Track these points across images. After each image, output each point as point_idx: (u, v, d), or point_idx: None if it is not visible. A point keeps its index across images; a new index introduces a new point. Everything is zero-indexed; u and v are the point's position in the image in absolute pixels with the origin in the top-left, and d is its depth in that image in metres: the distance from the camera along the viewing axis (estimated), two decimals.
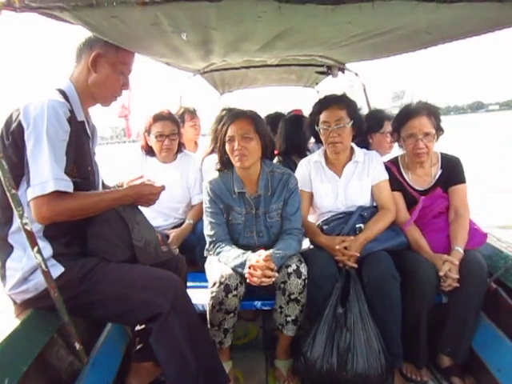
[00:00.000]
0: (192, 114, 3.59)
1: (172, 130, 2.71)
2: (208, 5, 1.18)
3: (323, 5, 1.11)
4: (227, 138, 2.08)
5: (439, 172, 2.29)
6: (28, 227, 1.36)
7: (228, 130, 2.08)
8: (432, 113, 2.23)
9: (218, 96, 4.91)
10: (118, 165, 3.03)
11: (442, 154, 2.34)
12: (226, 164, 2.19)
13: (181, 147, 2.89)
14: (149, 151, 2.82)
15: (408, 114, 2.25)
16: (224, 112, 2.87)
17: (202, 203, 2.78)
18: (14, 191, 1.32)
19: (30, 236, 1.37)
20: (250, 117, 2.10)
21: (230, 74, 3.84)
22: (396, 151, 2.63)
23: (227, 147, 2.09)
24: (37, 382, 1.52)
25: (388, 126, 2.69)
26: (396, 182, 2.33)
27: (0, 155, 1.27)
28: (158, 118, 2.70)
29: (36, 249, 1.38)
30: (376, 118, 2.82)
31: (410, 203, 2.30)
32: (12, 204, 1.33)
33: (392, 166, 2.38)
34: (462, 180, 2.26)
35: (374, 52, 2.32)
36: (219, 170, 2.23)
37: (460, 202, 2.23)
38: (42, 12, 1.21)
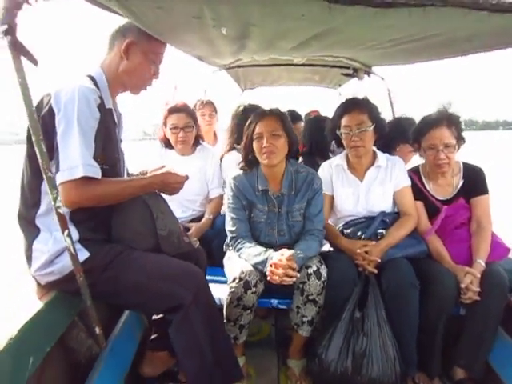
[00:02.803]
0: (202, 103, 3.59)
1: (187, 123, 2.71)
2: (254, 0, 1.18)
3: (373, 7, 1.11)
4: (255, 136, 2.08)
5: (461, 182, 2.26)
6: (61, 210, 1.37)
7: (256, 127, 2.08)
8: (453, 123, 2.19)
9: (239, 93, 4.92)
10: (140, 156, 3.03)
11: (464, 163, 2.32)
12: (250, 162, 2.20)
13: (198, 140, 2.90)
14: (167, 144, 2.83)
15: (428, 124, 2.22)
16: (241, 109, 2.88)
17: (220, 197, 2.82)
18: (50, 174, 1.33)
19: (62, 219, 1.39)
20: (278, 115, 2.11)
21: (254, 70, 3.84)
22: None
23: (255, 145, 2.09)
24: (57, 363, 1.55)
25: None
26: (417, 191, 2.31)
27: (41, 138, 1.28)
28: (172, 110, 2.71)
29: (66, 232, 1.40)
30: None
31: (432, 212, 2.28)
32: (47, 187, 1.35)
33: (413, 175, 2.36)
34: (484, 191, 2.23)
35: (405, 57, 2.30)
36: (242, 169, 2.23)
37: (482, 213, 2.20)
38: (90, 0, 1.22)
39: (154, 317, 1.98)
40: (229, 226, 2.19)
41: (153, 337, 1.97)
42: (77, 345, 1.67)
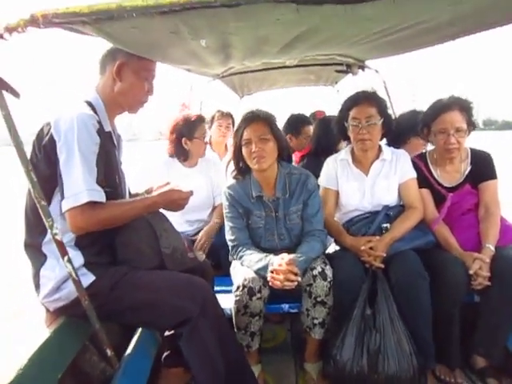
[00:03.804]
0: (221, 114, 3.64)
1: None
2: (226, 11, 1.18)
3: (342, 4, 1.10)
4: (243, 142, 2.08)
5: (469, 168, 2.24)
6: (58, 237, 1.39)
7: (244, 133, 2.08)
8: (464, 108, 2.17)
9: (237, 99, 4.93)
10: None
11: (471, 149, 2.29)
12: (242, 171, 2.20)
13: None
14: (181, 155, 2.82)
15: (439, 108, 2.20)
16: None
17: None
18: (43, 202, 1.35)
19: (60, 246, 1.40)
20: (265, 118, 2.10)
21: (249, 76, 3.84)
22: None
23: (244, 151, 2.09)
24: None
25: None
26: (423, 179, 2.29)
27: (30, 168, 1.30)
28: (203, 121, 2.80)
29: (66, 258, 1.41)
30: None
31: (438, 200, 2.26)
32: (42, 215, 1.37)
33: (420, 162, 2.33)
34: (492, 176, 2.20)
35: (395, 47, 2.27)
36: (235, 178, 2.23)
37: (490, 199, 2.17)
38: (65, 27, 1.23)
39: (167, 333, 1.99)
40: (228, 235, 2.19)
41: (166, 353, 1.98)
42: (90, 368, 1.68)
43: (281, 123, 3.24)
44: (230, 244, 2.19)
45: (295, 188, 2.16)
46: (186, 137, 2.73)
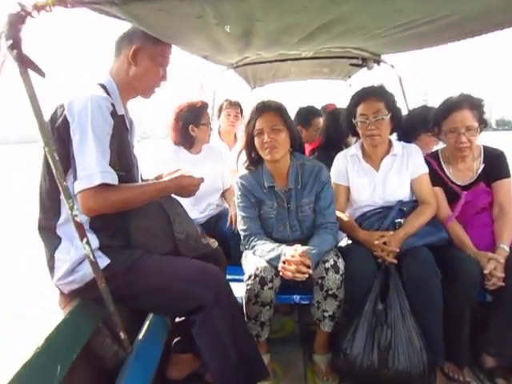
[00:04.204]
0: (229, 103, 3.62)
1: None
2: None
3: None
4: (256, 132, 2.07)
5: (482, 166, 2.21)
6: (78, 219, 1.38)
7: (256, 123, 2.07)
8: (475, 106, 2.14)
9: (248, 91, 4.89)
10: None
11: (484, 147, 2.26)
12: (254, 161, 2.19)
13: None
14: (187, 142, 2.79)
15: (450, 107, 2.17)
16: None
17: None
18: (65, 183, 1.35)
19: (80, 227, 1.40)
20: (277, 108, 2.09)
21: (262, 67, 3.81)
22: None
23: (256, 141, 2.08)
24: (85, 369, 1.57)
25: None
26: (436, 177, 2.27)
27: (53, 148, 1.30)
28: (207, 107, 2.79)
29: (85, 240, 1.41)
30: None
31: (452, 198, 2.24)
32: (63, 196, 1.37)
33: (432, 161, 2.31)
34: (506, 175, 2.18)
35: (414, 42, 2.25)
36: (247, 168, 2.22)
37: (505, 198, 2.15)
38: (92, 7, 1.22)
39: (177, 319, 2.00)
40: (240, 225, 2.19)
41: (177, 339, 1.98)
42: (103, 351, 1.69)
43: (291, 116, 3.23)
44: (241, 233, 2.19)
45: (308, 179, 2.15)
46: (193, 124, 2.70)
